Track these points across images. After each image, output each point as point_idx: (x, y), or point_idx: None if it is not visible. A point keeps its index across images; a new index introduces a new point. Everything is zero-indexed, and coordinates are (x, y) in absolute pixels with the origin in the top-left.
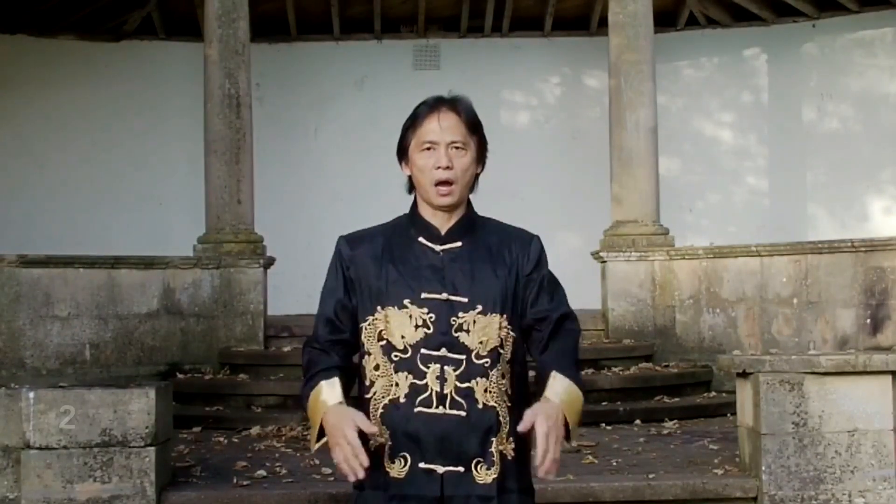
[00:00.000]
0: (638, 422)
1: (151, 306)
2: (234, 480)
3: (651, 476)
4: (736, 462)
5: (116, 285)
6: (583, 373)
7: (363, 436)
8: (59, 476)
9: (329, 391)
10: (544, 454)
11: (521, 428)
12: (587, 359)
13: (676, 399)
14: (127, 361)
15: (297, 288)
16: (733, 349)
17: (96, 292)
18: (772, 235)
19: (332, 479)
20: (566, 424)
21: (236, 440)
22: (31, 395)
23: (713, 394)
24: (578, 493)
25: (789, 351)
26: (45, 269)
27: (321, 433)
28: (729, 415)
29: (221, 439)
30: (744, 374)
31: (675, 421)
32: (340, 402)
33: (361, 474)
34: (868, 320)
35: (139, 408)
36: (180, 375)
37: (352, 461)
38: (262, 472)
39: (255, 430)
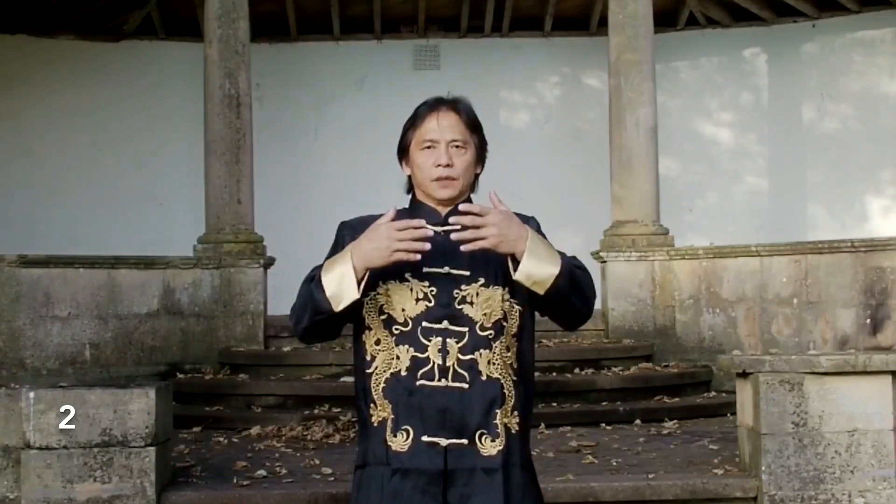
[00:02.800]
0: (638, 422)
1: (151, 306)
2: (234, 480)
3: (651, 476)
4: (736, 462)
5: (116, 285)
6: (583, 372)
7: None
8: (59, 476)
9: (340, 254)
10: (472, 219)
11: (489, 198)
12: (587, 359)
13: (676, 399)
14: (127, 361)
15: (296, 288)
16: (733, 349)
17: (96, 292)
18: (772, 235)
19: (332, 479)
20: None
21: (236, 440)
22: (31, 395)
23: (713, 394)
24: (578, 493)
25: (789, 351)
26: (45, 269)
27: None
28: (729, 415)
29: (221, 439)
30: (744, 374)
31: (675, 421)
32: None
33: (430, 232)
34: (868, 320)
35: (139, 408)
36: (180, 375)
37: (408, 233)
38: (262, 472)
39: (255, 430)
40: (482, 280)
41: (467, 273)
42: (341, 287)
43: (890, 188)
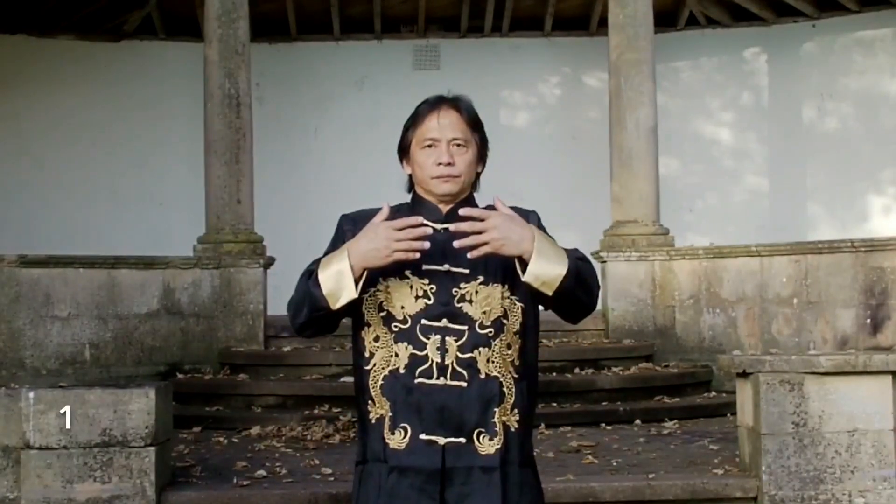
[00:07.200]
0: (638, 422)
1: (151, 306)
2: (234, 480)
3: (651, 476)
4: (736, 462)
5: (116, 285)
6: (583, 372)
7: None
8: (59, 476)
9: (337, 252)
10: (472, 224)
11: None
12: (587, 359)
13: (676, 399)
14: (127, 361)
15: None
16: (733, 349)
17: (96, 292)
18: (772, 235)
19: (332, 479)
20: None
21: (236, 440)
22: (31, 395)
23: (713, 394)
24: (578, 493)
25: (789, 351)
26: (45, 269)
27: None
28: (729, 415)
29: (221, 439)
30: (744, 374)
31: (675, 421)
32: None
33: (429, 230)
34: (868, 320)
35: (139, 408)
36: (180, 375)
37: (406, 233)
38: (262, 472)
39: (255, 430)
40: (481, 278)
41: (467, 271)
42: (339, 285)
43: (890, 188)
